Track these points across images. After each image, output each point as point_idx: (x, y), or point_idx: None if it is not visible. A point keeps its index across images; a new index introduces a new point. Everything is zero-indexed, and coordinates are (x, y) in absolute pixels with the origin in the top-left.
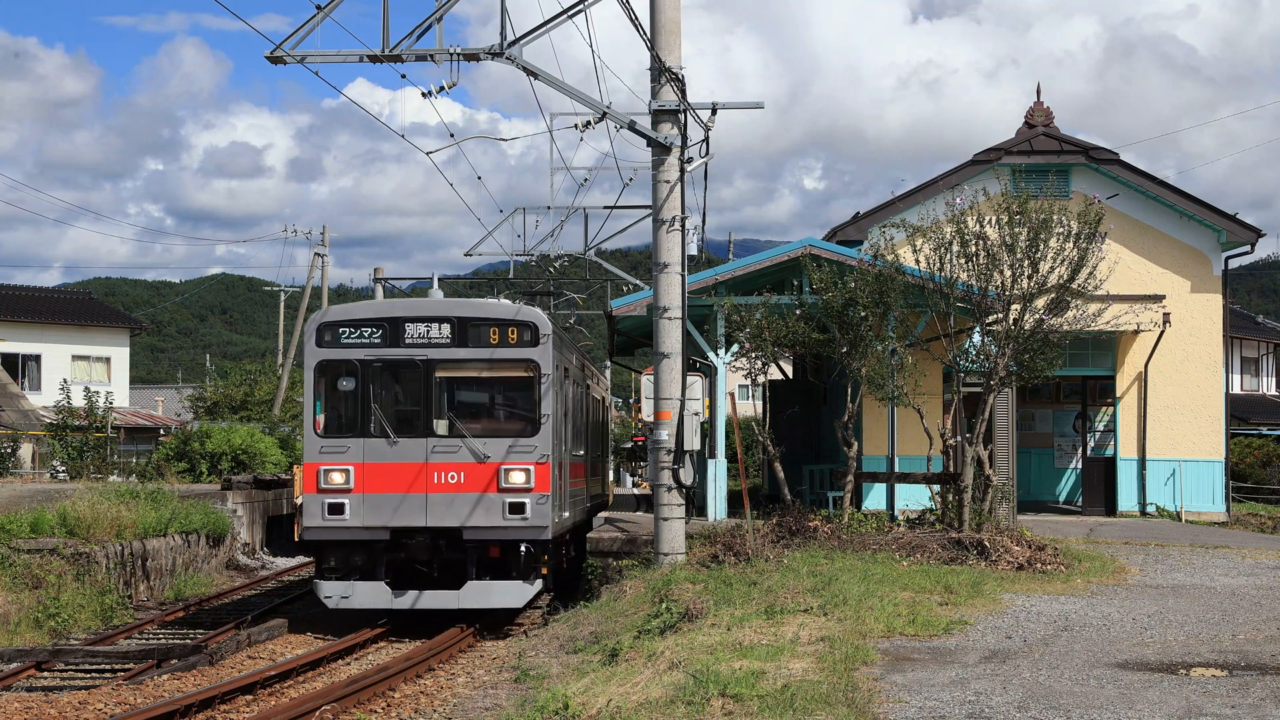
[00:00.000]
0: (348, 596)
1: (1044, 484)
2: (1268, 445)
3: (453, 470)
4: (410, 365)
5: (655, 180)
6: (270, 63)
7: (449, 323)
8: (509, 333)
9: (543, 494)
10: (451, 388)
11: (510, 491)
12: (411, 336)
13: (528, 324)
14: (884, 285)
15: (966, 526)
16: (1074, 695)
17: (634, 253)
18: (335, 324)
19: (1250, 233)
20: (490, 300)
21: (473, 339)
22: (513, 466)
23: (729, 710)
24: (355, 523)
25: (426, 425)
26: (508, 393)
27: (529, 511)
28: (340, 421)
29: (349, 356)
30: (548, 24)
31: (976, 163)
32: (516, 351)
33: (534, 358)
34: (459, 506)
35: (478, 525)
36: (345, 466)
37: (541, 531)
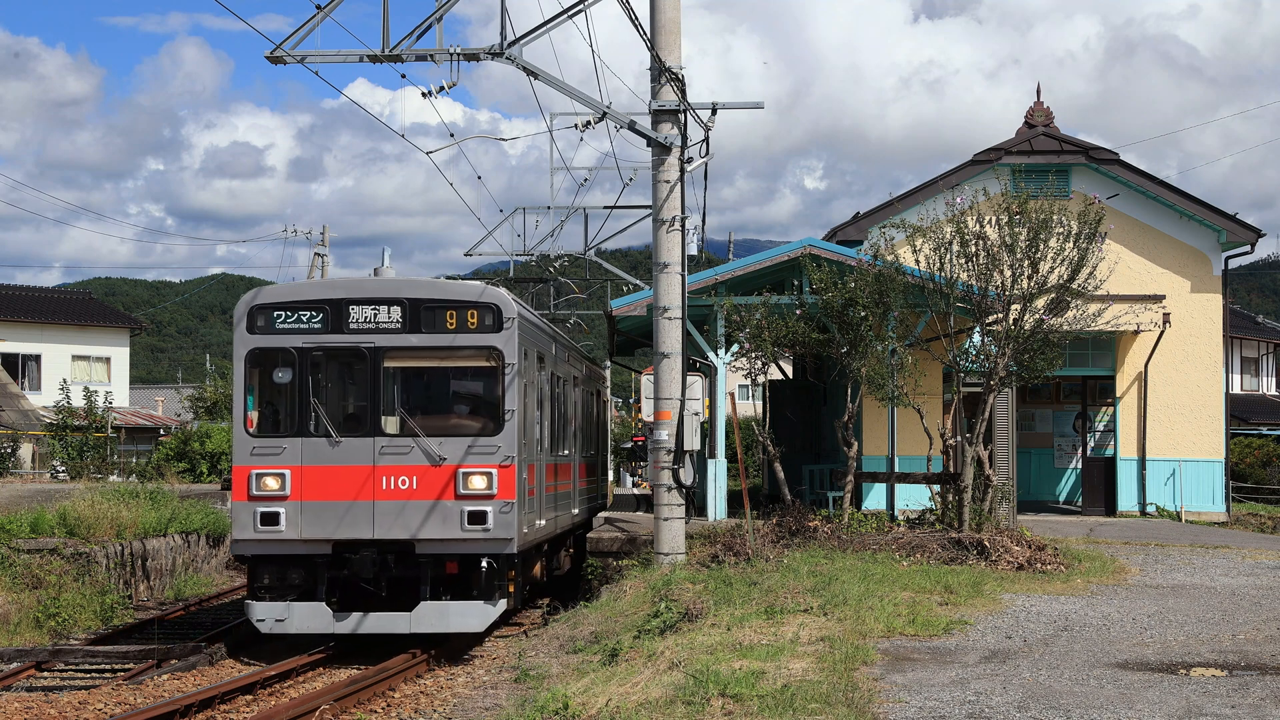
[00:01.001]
0: (283, 619)
1: (1044, 484)
2: (1268, 445)
3: (404, 474)
4: (355, 354)
5: (655, 180)
6: (270, 63)
7: (399, 305)
8: (468, 316)
9: (506, 501)
10: (403, 379)
11: (470, 498)
12: (357, 321)
13: (489, 306)
14: (884, 285)
15: (966, 526)
16: (1074, 695)
17: (634, 253)
18: (269, 307)
19: (1250, 233)
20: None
21: (427, 323)
22: (472, 470)
23: (729, 710)
24: (292, 535)
25: (374, 423)
26: (467, 385)
27: (491, 521)
28: (275, 419)
29: (285, 344)
30: (548, 24)
31: (976, 163)
32: (477, 338)
33: (496, 345)
34: (411, 516)
35: (432, 537)
36: (281, 470)
37: (505, 544)
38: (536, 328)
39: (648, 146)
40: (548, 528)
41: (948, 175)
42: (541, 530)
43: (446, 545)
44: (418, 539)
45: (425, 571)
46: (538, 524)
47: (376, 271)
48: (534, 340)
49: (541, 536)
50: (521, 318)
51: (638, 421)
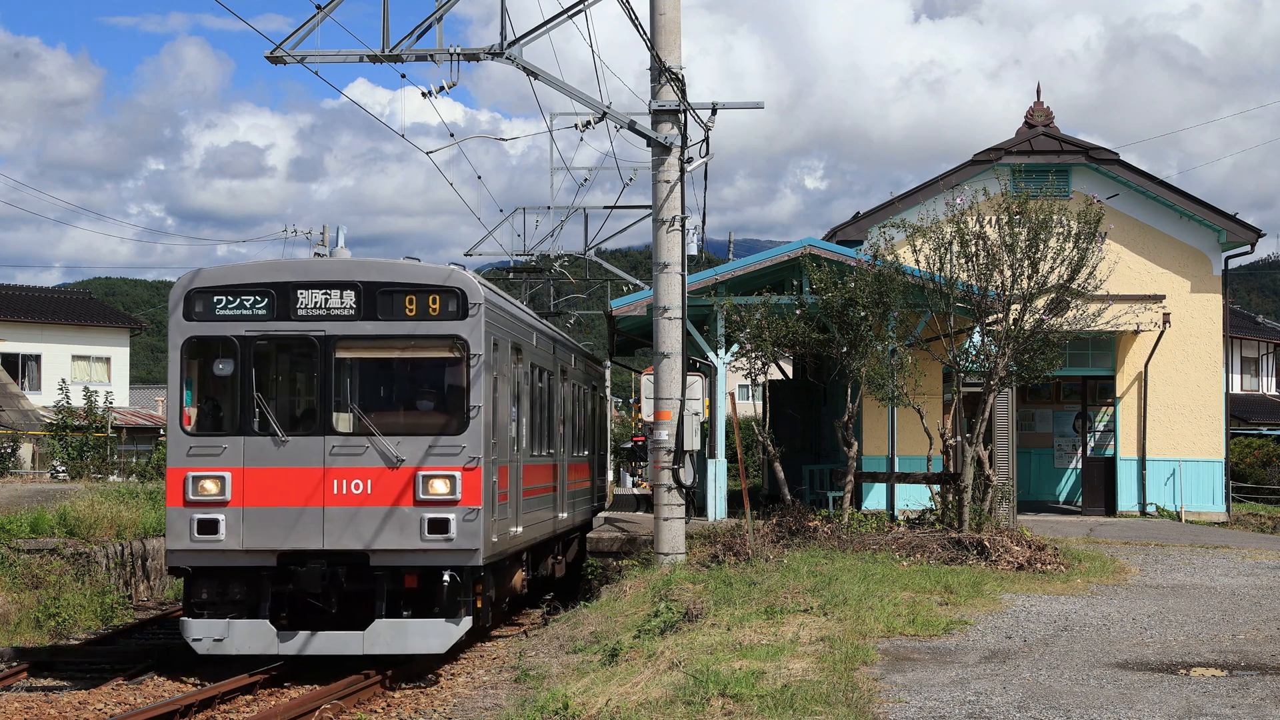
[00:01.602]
0: (221, 639)
1: (1044, 484)
2: (1268, 445)
3: (357, 477)
4: (304, 343)
5: (655, 180)
6: (270, 63)
7: (353, 289)
8: (429, 302)
9: (472, 507)
10: (356, 372)
11: (431, 504)
12: (306, 306)
13: (453, 290)
14: (884, 285)
15: (966, 526)
16: (1074, 695)
17: (634, 253)
18: (208, 290)
19: (1250, 233)
20: (408, 261)
21: (384, 309)
22: (434, 472)
23: (729, 710)
24: (232, 544)
25: (324, 420)
26: (428, 378)
27: (454, 529)
28: (215, 415)
29: (226, 332)
30: (548, 24)
31: (976, 163)
32: (439, 325)
33: (460, 334)
34: (364, 524)
35: (389, 548)
36: (220, 473)
37: (470, 555)
38: (511, 316)
39: (648, 146)
40: (527, 535)
41: (948, 175)
42: (517, 538)
43: (405, 556)
44: (372, 549)
45: (381, 585)
46: (513, 531)
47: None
48: (508, 329)
49: (519, 545)
50: (490, 304)
51: (638, 421)
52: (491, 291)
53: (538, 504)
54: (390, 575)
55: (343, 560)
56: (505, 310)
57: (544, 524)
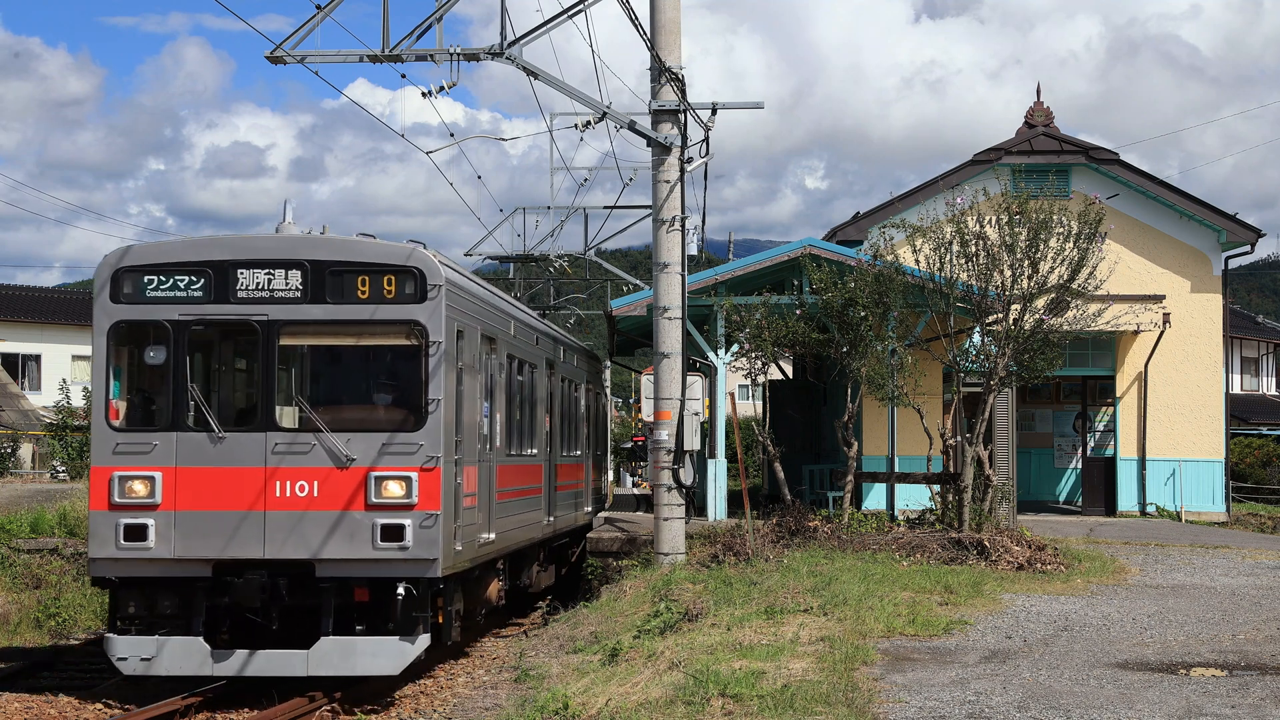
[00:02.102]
0: (150, 659)
1: (1044, 484)
2: (1268, 445)
3: (303, 479)
4: (244, 329)
5: (655, 180)
6: (270, 63)
7: (299, 268)
8: (384, 283)
9: (429, 511)
10: (303, 361)
11: (383, 509)
12: (247, 288)
13: (410, 271)
14: (884, 285)
15: (966, 526)
16: (1074, 695)
17: (634, 253)
18: (138, 269)
19: (1250, 233)
20: (361, 238)
21: (333, 291)
22: (387, 473)
23: (729, 710)
24: (163, 553)
25: (267, 415)
26: (383, 369)
27: (410, 537)
28: (145, 409)
29: (157, 316)
30: (548, 24)
31: (976, 163)
32: (394, 309)
33: (418, 318)
34: (310, 531)
35: (337, 557)
36: (150, 473)
37: (428, 566)
38: (481, 302)
39: (648, 146)
40: (503, 542)
41: (948, 175)
42: (489, 546)
43: (354, 567)
44: (319, 559)
45: (328, 599)
46: (484, 538)
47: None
48: (477, 315)
49: (492, 553)
50: (453, 286)
51: (638, 421)
52: (457, 273)
53: (518, 508)
54: (338, 588)
55: (285, 571)
56: (473, 295)
57: (526, 529)
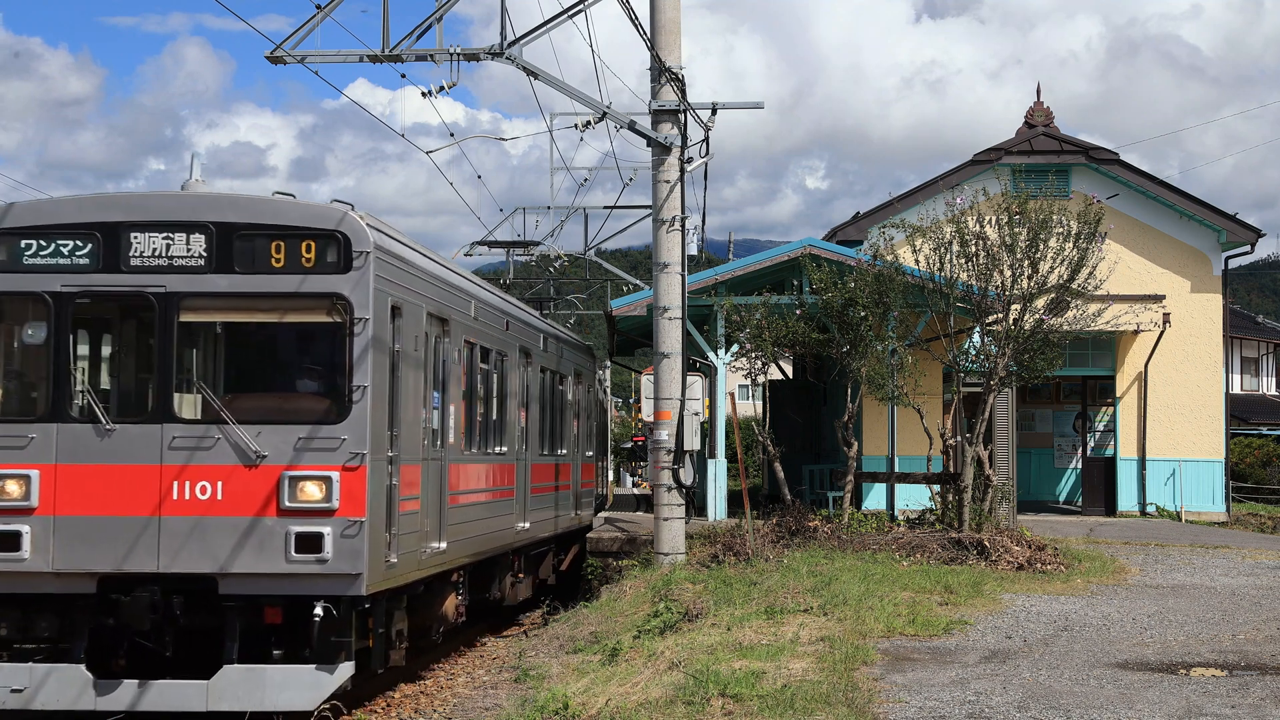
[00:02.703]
0: (22, 690)
1: (1044, 484)
2: (1268, 445)
3: (205, 479)
4: (138, 303)
5: (655, 180)
6: (270, 63)
7: (204, 232)
8: (302, 249)
9: (352, 518)
10: (206, 340)
11: (299, 514)
12: (142, 254)
13: (332, 235)
14: (884, 285)
15: (966, 526)
16: (1074, 695)
17: (634, 253)
18: (14, 233)
19: (1250, 233)
20: (279, 196)
21: (243, 259)
22: (304, 473)
23: (729, 710)
24: (40, 565)
25: (163, 403)
26: (300, 350)
27: (329, 548)
28: (21, 395)
29: (35, 287)
30: (548, 24)
31: (976, 163)
32: (314, 281)
33: (341, 291)
34: (214, 540)
35: (244, 572)
36: (25, 471)
37: (350, 582)
38: (427, 276)
39: (648, 146)
40: (460, 551)
41: (948, 175)
42: (438, 557)
43: (265, 583)
44: (223, 573)
45: (233, 621)
46: (432, 548)
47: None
48: (420, 291)
49: (445, 564)
50: (386, 254)
51: (638, 421)
52: (394, 240)
53: (480, 512)
54: (245, 607)
55: (183, 587)
56: (415, 267)
57: (492, 537)
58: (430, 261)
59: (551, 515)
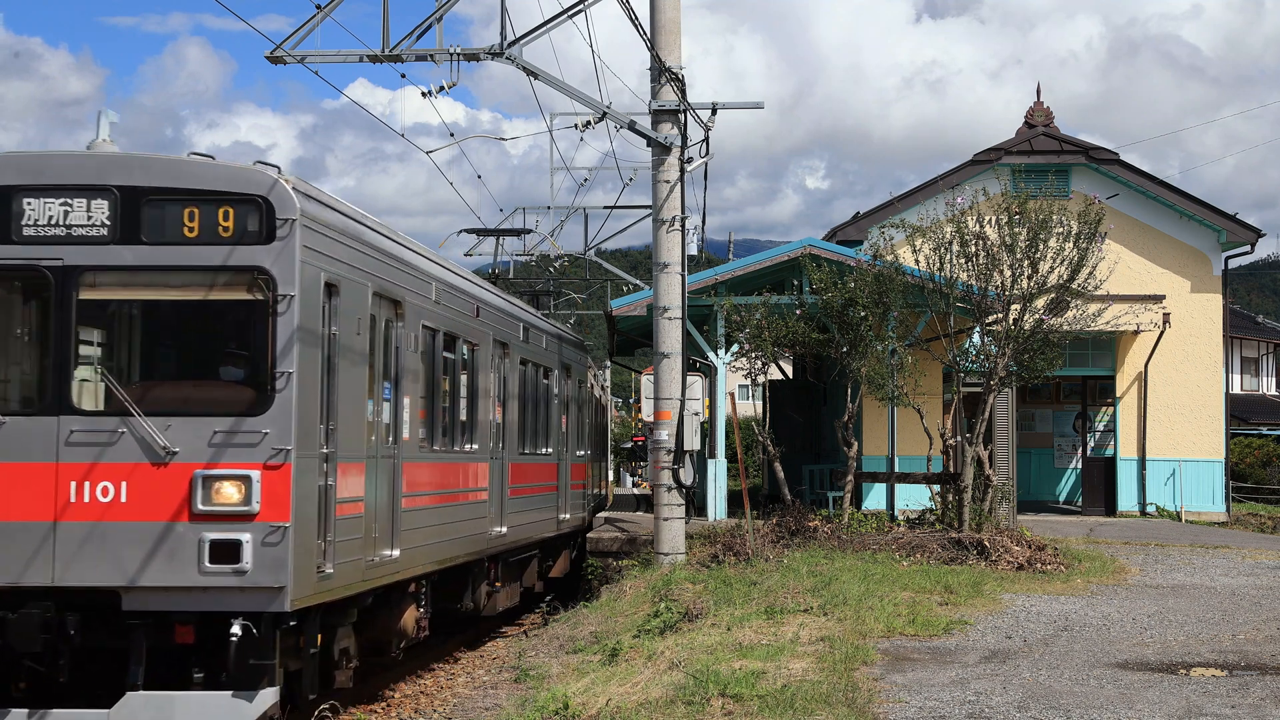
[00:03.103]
0: None
1: (1044, 484)
2: (1268, 445)
3: (107, 479)
4: (31, 278)
5: (655, 180)
6: (270, 63)
7: (107, 197)
8: (219, 217)
9: (275, 523)
10: (110, 321)
11: (215, 519)
12: (36, 222)
13: (253, 201)
14: (884, 285)
15: (966, 526)
16: (1074, 695)
17: (634, 253)
18: None
19: (1250, 233)
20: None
21: (152, 228)
22: (220, 471)
23: (729, 710)
24: None
25: (59, 392)
26: (216, 332)
27: (249, 557)
28: None
29: None
30: (548, 24)
31: (976, 163)
32: (232, 253)
33: (264, 265)
34: (116, 549)
35: (151, 585)
36: None
37: (273, 596)
38: (372, 249)
39: (648, 146)
40: (419, 559)
41: (947, 175)
42: (388, 566)
43: (175, 597)
44: (127, 587)
45: (138, 641)
46: (381, 556)
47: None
48: (363, 267)
49: (398, 574)
50: (317, 223)
51: (638, 421)
52: (328, 209)
53: (446, 516)
54: (153, 626)
55: (80, 603)
56: (356, 239)
57: (461, 543)
58: (380, 236)
59: (535, 519)
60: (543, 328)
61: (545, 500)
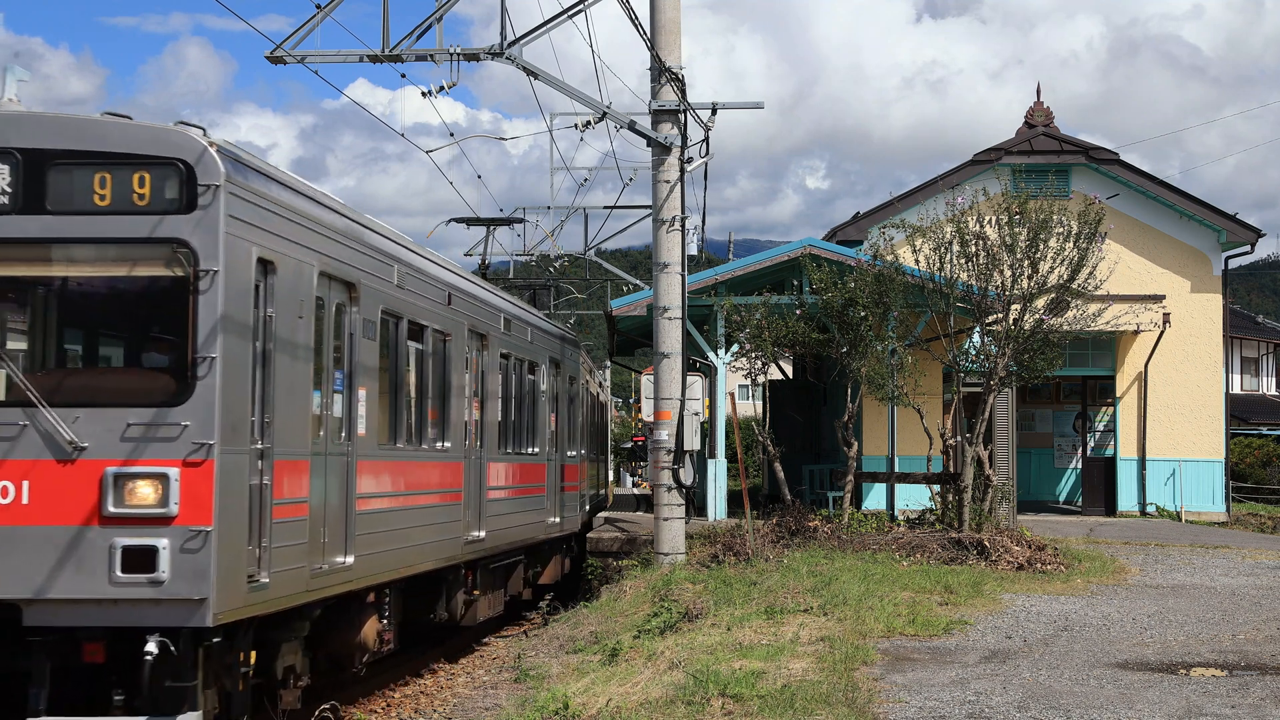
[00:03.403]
0: None
1: (1044, 484)
2: (1268, 445)
3: (6, 478)
4: None
5: (655, 180)
6: (271, 63)
7: (8, 161)
8: (133, 183)
9: (197, 527)
10: (10, 300)
11: (128, 523)
12: None
13: (171, 165)
14: (884, 285)
15: (966, 526)
16: (1074, 695)
17: (634, 253)
18: None
19: (1250, 233)
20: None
21: (59, 196)
22: (135, 469)
23: (729, 710)
24: None
25: None
26: (130, 313)
27: (165, 566)
28: None
29: None
30: (548, 24)
31: (976, 163)
32: (148, 224)
33: (184, 237)
34: (17, 557)
35: (56, 597)
36: None
37: (194, 610)
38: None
39: (648, 146)
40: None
41: (948, 175)
42: (340, 575)
43: (84, 611)
44: (29, 599)
45: (40, 661)
46: (332, 564)
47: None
48: (307, 242)
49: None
50: (243, 189)
51: (638, 421)
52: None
53: (411, 520)
54: (58, 644)
55: None
56: (298, 213)
57: (431, 548)
58: (330, 212)
59: (520, 522)
60: (528, 320)
61: (532, 503)
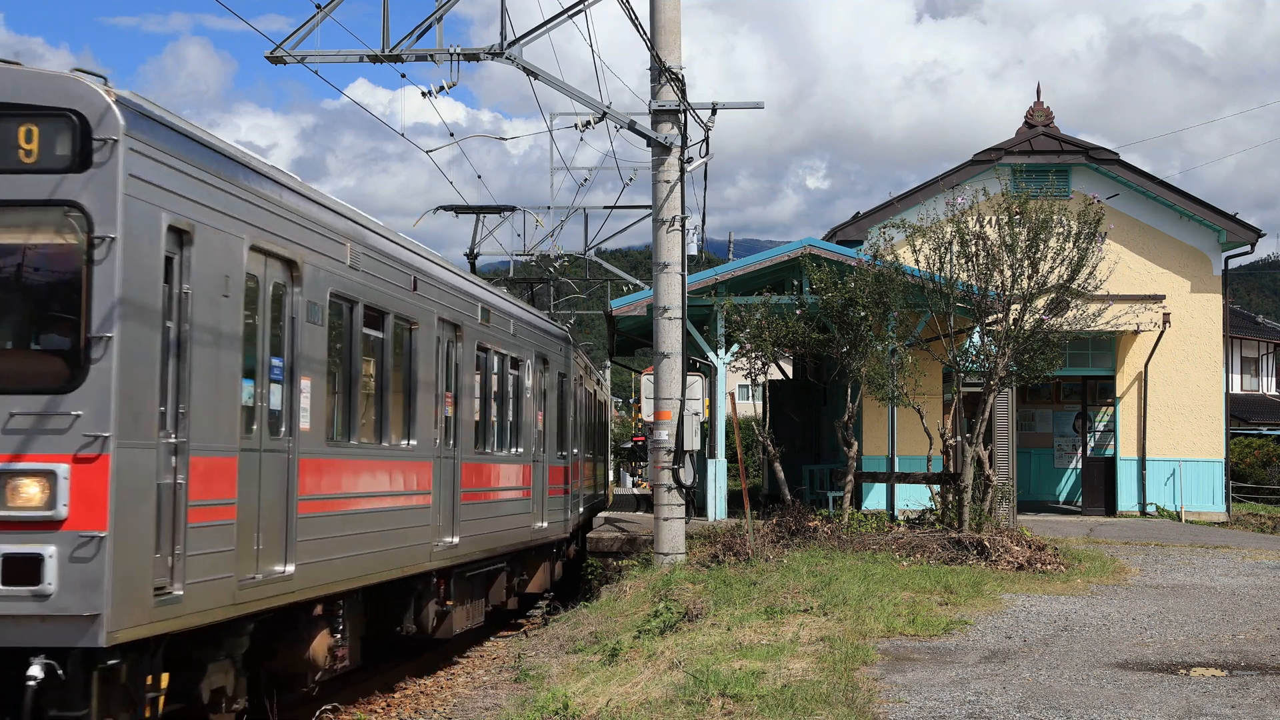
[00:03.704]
0: None
1: (1044, 484)
2: (1268, 445)
3: None
4: None
5: (655, 180)
6: (271, 63)
7: None
8: (19, 138)
9: (89, 532)
10: None
11: (9, 527)
12: None
13: (62, 116)
14: (884, 285)
15: (966, 526)
16: (1074, 695)
17: (634, 253)
18: None
19: (1250, 233)
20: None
21: None
22: (17, 465)
23: (729, 710)
24: None
25: None
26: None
27: (51, 577)
28: None
29: None
30: (548, 24)
31: (976, 163)
32: (36, 183)
33: (76, 199)
34: None
35: None
36: None
37: (85, 627)
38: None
39: (648, 146)
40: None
41: (948, 175)
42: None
43: None
44: None
45: None
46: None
47: None
48: (234, 211)
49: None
50: (148, 145)
51: (638, 421)
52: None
53: (368, 524)
54: None
55: None
56: (220, 175)
57: (391, 555)
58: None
59: (501, 527)
60: (510, 311)
61: (515, 506)
